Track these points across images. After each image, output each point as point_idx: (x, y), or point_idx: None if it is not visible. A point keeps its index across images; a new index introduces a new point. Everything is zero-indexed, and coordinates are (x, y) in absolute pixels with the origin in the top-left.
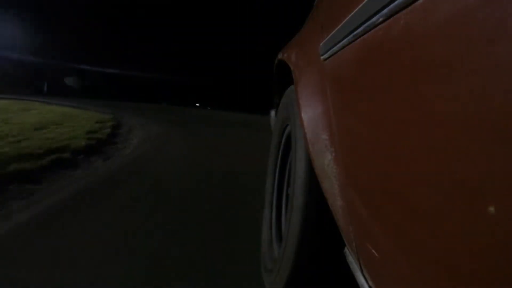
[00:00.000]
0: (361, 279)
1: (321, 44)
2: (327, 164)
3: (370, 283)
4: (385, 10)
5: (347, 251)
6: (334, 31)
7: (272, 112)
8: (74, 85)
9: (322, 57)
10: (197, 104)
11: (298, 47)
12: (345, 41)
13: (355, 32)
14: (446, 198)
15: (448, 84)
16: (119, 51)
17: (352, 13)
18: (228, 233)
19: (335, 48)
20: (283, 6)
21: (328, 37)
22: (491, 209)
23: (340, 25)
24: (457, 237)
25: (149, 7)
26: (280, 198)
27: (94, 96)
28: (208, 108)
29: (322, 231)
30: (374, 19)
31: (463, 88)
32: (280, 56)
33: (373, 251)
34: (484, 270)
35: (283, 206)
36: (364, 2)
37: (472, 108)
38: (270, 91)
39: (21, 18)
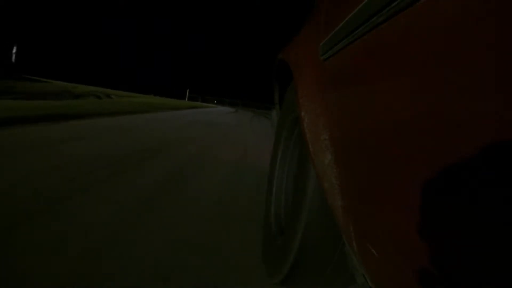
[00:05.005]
0: (361, 279)
1: (321, 44)
2: (327, 164)
3: (370, 283)
4: (385, 10)
5: (347, 251)
6: (334, 31)
7: (273, 112)
8: None
9: (322, 57)
10: None
11: (298, 47)
12: (345, 41)
13: (355, 32)
14: (446, 198)
15: (449, 83)
16: None
17: (352, 13)
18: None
19: (335, 48)
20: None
21: (328, 37)
22: (491, 209)
23: (340, 25)
24: (457, 237)
25: None
26: (280, 195)
27: None
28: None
29: (324, 229)
30: (374, 19)
31: (463, 88)
32: (280, 55)
33: (373, 251)
34: (484, 270)
35: (283, 202)
36: (364, 2)
37: (473, 107)
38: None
39: None
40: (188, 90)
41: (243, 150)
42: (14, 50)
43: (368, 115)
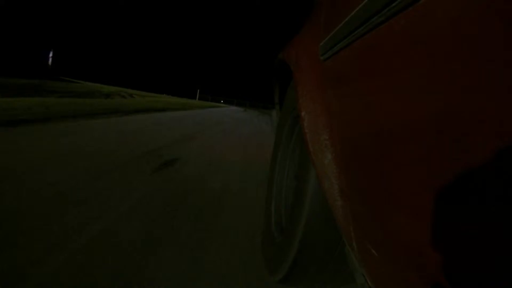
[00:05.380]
0: (361, 279)
1: (321, 44)
2: (327, 164)
3: (370, 283)
4: (385, 10)
5: (347, 251)
6: (334, 31)
7: (273, 112)
8: None
9: (322, 57)
10: None
11: (298, 47)
12: (345, 41)
13: (355, 32)
14: (446, 198)
15: (449, 83)
16: None
17: (352, 13)
18: None
19: (335, 48)
20: None
21: (328, 37)
22: (491, 210)
23: (340, 25)
24: (457, 238)
25: None
26: (281, 194)
27: None
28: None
29: (325, 228)
30: (374, 19)
31: (463, 88)
32: (280, 55)
33: (373, 251)
34: (484, 270)
35: (284, 201)
36: (364, 2)
37: (473, 107)
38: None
39: None
40: (198, 90)
41: (254, 126)
42: (51, 55)
43: (368, 115)
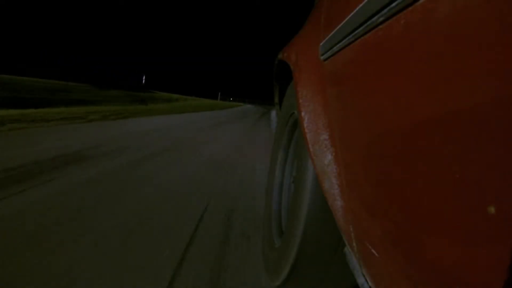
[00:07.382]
0: (361, 279)
1: (321, 44)
2: (327, 164)
3: (370, 283)
4: (385, 10)
5: (347, 251)
6: (334, 31)
7: (273, 113)
8: None
9: (322, 57)
10: None
11: (298, 47)
12: (345, 41)
13: (355, 32)
14: (446, 197)
15: (449, 84)
16: None
17: (352, 13)
18: None
19: (335, 48)
20: None
21: (328, 37)
22: (491, 208)
23: (340, 25)
24: (457, 237)
25: None
26: (281, 196)
27: None
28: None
29: (324, 229)
30: (374, 19)
31: (463, 88)
32: (280, 55)
33: (373, 251)
34: (483, 269)
35: (284, 202)
36: (364, 2)
37: (472, 107)
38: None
39: None
40: (219, 93)
41: (257, 111)
42: (144, 77)
43: (368, 115)
